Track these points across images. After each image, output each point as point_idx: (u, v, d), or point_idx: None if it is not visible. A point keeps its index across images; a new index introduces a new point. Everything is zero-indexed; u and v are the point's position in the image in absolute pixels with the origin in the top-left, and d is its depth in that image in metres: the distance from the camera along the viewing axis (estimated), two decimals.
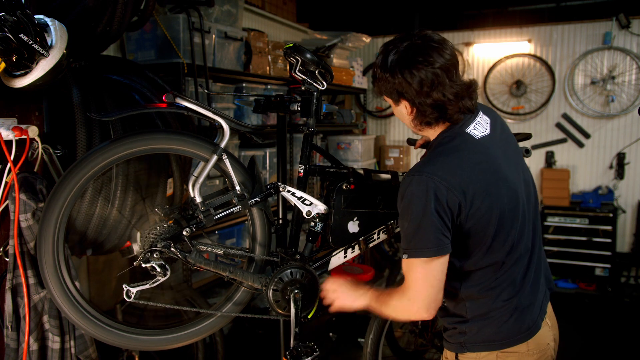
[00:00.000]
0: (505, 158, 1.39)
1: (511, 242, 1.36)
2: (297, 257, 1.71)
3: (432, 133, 1.44)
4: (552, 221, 4.79)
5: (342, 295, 1.56)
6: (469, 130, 1.36)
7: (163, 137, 1.57)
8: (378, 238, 1.77)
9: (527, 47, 5.05)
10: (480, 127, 1.39)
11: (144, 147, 1.53)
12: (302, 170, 1.72)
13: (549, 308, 1.53)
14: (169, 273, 1.57)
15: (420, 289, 1.32)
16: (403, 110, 1.41)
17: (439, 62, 1.30)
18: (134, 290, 1.55)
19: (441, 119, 1.37)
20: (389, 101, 1.45)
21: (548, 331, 1.46)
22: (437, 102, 1.32)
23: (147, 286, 1.57)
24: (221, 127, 1.60)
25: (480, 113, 1.43)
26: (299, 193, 1.69)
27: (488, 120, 1.43)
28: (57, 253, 1.49)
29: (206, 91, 2.44)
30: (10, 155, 1.51)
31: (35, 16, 1.42)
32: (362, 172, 1.73)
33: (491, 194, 1.31)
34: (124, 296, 1.54)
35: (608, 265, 4.59)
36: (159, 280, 1.57)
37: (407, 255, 1.32)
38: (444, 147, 1.35)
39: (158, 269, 1.55)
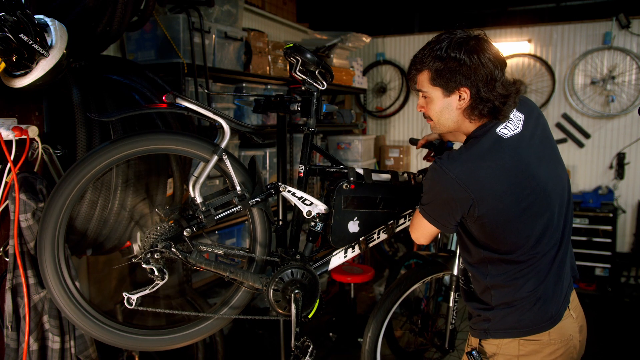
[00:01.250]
0: (534, 155, 1.40)
1: (536, 237, 1.39)
2: (298, 257, 1.71)
3: (466, 130, 1.45)
4: None
5: None
6: (498, 130, 1.39)
7: (163, 137, 1.57)
8: (378, 238, 1.77)
9: (527, 47, 5.05)
10: (511, 125, 1.41)
11: (144, 148, 1.53)
12: (302, 170, 1.72)
13: (574, 298, 1.55)
14: (167, 277, 1.57)
15: (415, 232, 1.56)
16: (454, 99, 1.40)
17: (502, 55, 1.38)
18: (134, 297, 1.55)
19: (492, 114, 1.39)
20: (433, 90, 1.42)
21: (572, 322, 1.49)
22: (498, 95, 1.36)
23: (147, 291, 1.57)
24: (221, 127, 1.60)
25: (514, 110, 1.44)
26: (299, 193, 1.69)
27: (521, 117, 1.44)
28: (57, 253, 1.49)
29: (206, 91, 2.44)
30: (10, 155, 1.51)
31: (35, 16, 1.42)
32: (362, 172, 1.73)
33: (513, 194, 1.34)
34: (125, 304, 1.54)
35: (608, 265, 4.59)
36: (157, 284, 1.57)
37: (420, 209, 1.50)
38: (471, 145, 1.39)
39: (156, 273, 1.55)
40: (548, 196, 1.40)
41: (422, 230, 1.52)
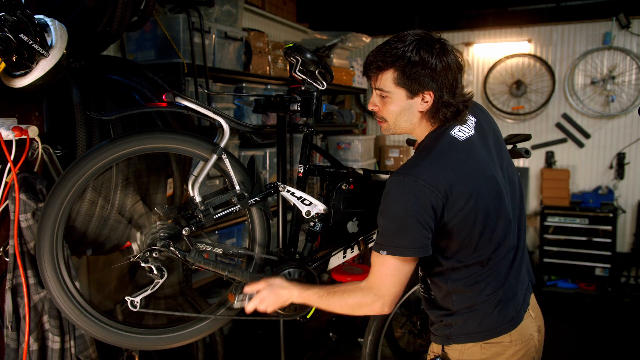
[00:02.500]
0: (489, 157, 1.40)
1: (497, 239, 1.38)
2: (297, 257, 1.71)
3: (421, 133, 1.44)
4: (552, 221, 4.79)
5: (265, 295, 1.50)
6: (453, 132, 1.38)
7: (163, 136, 1.57)
8: None
9: (527, 47, 5.05)
10: (465, 128, 1.40)
11: (143, 147, 1.53)
12: (301, 170, 1.72)
13: (532, 299, 1.56)
14: (165, 274, 1.57)
15: (389, 286, 1.36)
16: (417, 102, 1.36)
17: (460, 60, 1.37)
18: (137, 299, 1.55)
19: (453, 117, 1.38)
20: (396, 91, 1.36)
21: (531, 322, 1.49)
22: (460, 100, 1.35)
23: (149, 292, 1.57)
24: (221, 126, 1.60)
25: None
26: (298, 193, 1.69)
27: (473, 120, 1.44)
28: (57, 253, 1.49)
29: (206, 91, 2.44)
30: (10, 155, 1.51)
31: (35, 16, 1.42)
32: (361, 172, 1.73)
33: (476, 194, 1.32)
34: (130, 307, 1.54)
35: (608, 265, 4.59)
36: (158, 283, 1.57)
37: (386, 252, 1.32)
38: (429, 150, 1.36)
39: (155, 271, 1.55)
40: (505, 197, 1.39)
41: (394, 277, 1.34)
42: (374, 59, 1.38)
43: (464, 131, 1.39)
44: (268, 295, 1.50)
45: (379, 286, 1.37)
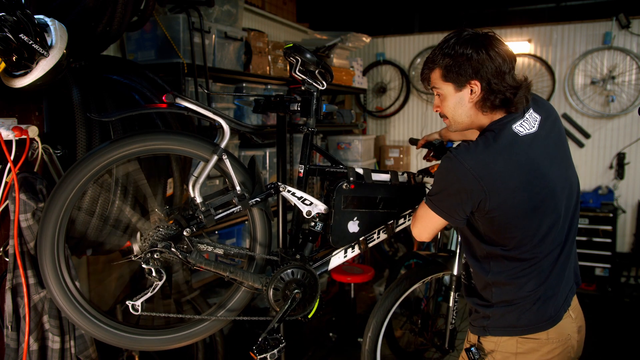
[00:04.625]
0: (547, 156, 1.42)
1: (541, 236, 1.40)
2: (298, 257, 1.71)
3: (480, 124, 1.48)
4: None
5: None
6: (514, 127, 1.40)
7: (163, 137, 1.57)
8: (378, 238, 1.77)
9: (527, 47, 5.05)
10: (527, 124, 1.42)
11: (144, 148, 1.53)
12: (302, 170, 1.72)
13: (575, 300, 1.56)
14: (164, 277, 1.57)
15: (419, 227, 1.56)
16: (466, 93, 1.42)
17: (511, 51, 1.43)
18: (137, 303, 1.55)
19: (504, 105, 1.41)
20: (445, 87, 1.45)
21: (571, 322, 1.50)
22: (508, 86, 1.39)
23: (149, 294, 1.57)
24: (221, 127, 1.60)
25: (531, 110, 1.46)
26: (299, 193, 1.69)
27: (537, 117, 1.46)
28: (57, 253, 1.49)
29: (206, 91, 2.44)
30: (10, 155, 1.51)
31: (35, 16, 1.42)
32: (362, 172, 1.73)
33: (524, 189, 1.36)
34: (131, 311, 1.54)
35: (608, 265, 4.59)
36: (157, 285, 1.57)
37: (426, 200, 1.49)
38: (487, 138, 1.40)
39: (154, 274, 1.55)
40: (556, 197, 1.41)
41: (427, 223, 1.52)
42: (425, 64, 1.49)
43: (525, 127, 1.42)
44: None
45: (415, 218, 1.57)
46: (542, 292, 1.44)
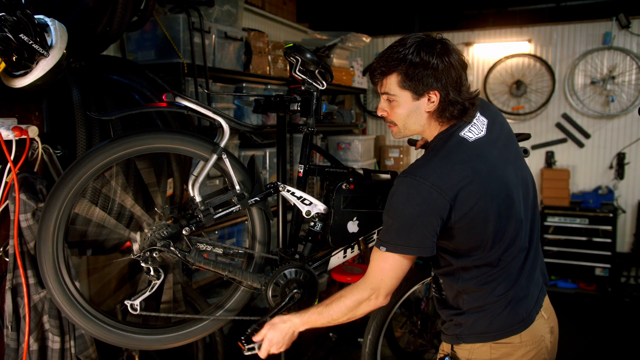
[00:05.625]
0: (501, 158, 1.39)
1: (507, 240, 1.38)
2: (297, 256, 1.71)
3: (430, 134, 1.44)
4: (552, 221, 4.79)
5: (272, 337, 1.50)
6: (462, 133, 1.38)
7: (163, 136, 1.57)
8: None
9: (527, 47, 5.05)
10: (475, 129, 1.40)
11: (144, 147, 1.53)
12: (301, 170, 1.72)
13: (546, 301, 1.55)
14: (162, 276, 1.58)
15: (386, 279, 1.40)
16: (423, 102, 1.37)
17: (464, 58, 1.38)
18: (136, 302, 1.55)
19: (460, 115, 1.38)
20: (402, 94, 1.38)
21: (543, 323, 1.49)
22: (467, 97, 1.36)
23: (147, 294, 1.57)
24: (221, 126, 1.60)
25: (478, 114, 1.43)
26: (298, 193, 1.69)
27: (485, 121, 1.44)
28: (57, 253, 1.49)
29: (206, 91, 2.44)
30: (10, 155, 1.51)
31: (35, 16, 1.42)
32: (361, 172, 1.73)
33: (485, 195, 1.32)
34: (130, 310, 1.54)
35: (608, 265, 4.59)
36: (155, 284, 1.57)
37: (386, 248, 1.36)
38: (438, 151, 1.36)
39: (152, 272, 1.56)
40: (516, 198, 1.39)
41: (393, 273, 1.38)
42: (378, 65, 1.40)
43: (474, 132, 1.39)
44: (274, 336, 1.51)
45: (376, 280, 1.41)
46: (512, 295, 1.42)
